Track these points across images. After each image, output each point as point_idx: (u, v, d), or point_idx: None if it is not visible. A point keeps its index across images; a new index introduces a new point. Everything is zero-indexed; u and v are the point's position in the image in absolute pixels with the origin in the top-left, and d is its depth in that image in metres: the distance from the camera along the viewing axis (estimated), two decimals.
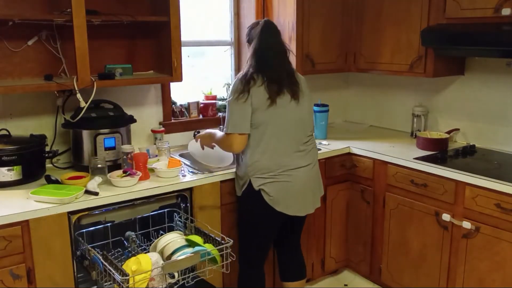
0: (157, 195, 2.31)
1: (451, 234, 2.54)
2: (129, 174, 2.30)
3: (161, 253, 2.10)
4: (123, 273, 1.85)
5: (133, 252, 2.28)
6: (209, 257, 2.06)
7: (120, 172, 2.34)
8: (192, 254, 1.99)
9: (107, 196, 2.16)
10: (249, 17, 3.27)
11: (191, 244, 2.10)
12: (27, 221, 1.97)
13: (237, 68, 3.42)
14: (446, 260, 2.58)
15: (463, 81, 3.04)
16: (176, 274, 2.04)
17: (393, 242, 2.86)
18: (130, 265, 1.95)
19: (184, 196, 2.41)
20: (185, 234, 2.26)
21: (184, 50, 2.69)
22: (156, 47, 2.71)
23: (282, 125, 2.28)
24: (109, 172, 2.34)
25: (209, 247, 2.08)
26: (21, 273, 1.98)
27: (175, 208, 2.43)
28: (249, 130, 2.24)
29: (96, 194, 2.14)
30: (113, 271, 1.87)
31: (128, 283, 1.83)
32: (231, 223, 2.58)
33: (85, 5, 2.22)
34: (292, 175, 2.29)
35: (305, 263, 2.67)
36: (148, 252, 2.16)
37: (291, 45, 3.06)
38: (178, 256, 2.02)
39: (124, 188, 2.24)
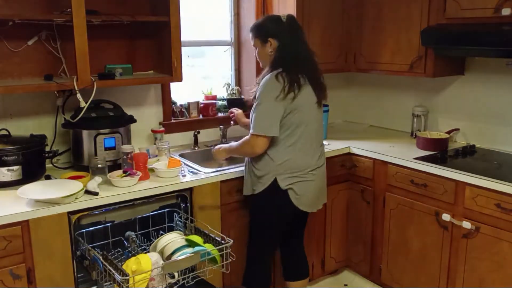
0: (157, 195, 2.31)
1: (451, 234, 2.54)
2: (129, 174, 2.30)
3: (161, 253, 2.10)
4: (123, 273, 1.85)
5: (133, 252, 2.28)
6: (209, 257, 2.06)
7: (120, 172, 2.34)
8: (192, 254, 1.99)
9: (107, 196, 2.15)
10: (249, 17, 3.27)
11: (191, 244, 2.10)
12: (27, 221, 1.97)
13: (237, 68, 3.42)
14: (446, 260, 2.58)
15: (463, 81, 3.04)
16: (176, 274, 2.04)
17: (393, 242, 2.86)
18: (130, 265, 1.94)
19: (184, 196, 2.41)
20: (185, 234, 2.26)
21: (184, 50, 2.70)
22: (156, 47, 2.71)
23: (313, 127, 2.33)
24: (109, 172, 2.34)
25: (209, 247, 2.08)
26: (21, 273, 1.98)
27: (175, 208, 2.43)
28: (278, 133, 2.23)
29: (96, 194, 2.14)
30: (113, 271, 1.87)
31: (128, 283, 1.83)
32: (231, 223, 2.58)
33: (85, 5, 2.22)
34: (316, 174, 2.35)
35: (308, 262, 2.69)
36: (148, 252, 2.16)
37: None
38: (178, 256, 2.01)
39: (124, 188, 2.24)
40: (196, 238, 2.14)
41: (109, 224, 2.27)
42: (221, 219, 2.53)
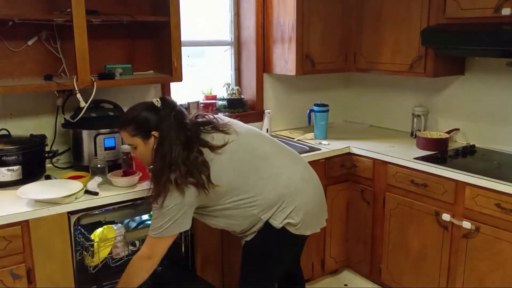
0: None
1: (451, 234, 2.54)
2: (129, 174, 2.30)
3: (128, 227, 2.34)
4: (89, 239, 2.14)
5: None
6: None
7: (120, 172, 2.34)
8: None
9: (107, 196, 2.15)
10: (249, 17, 3.27)
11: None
12: (27, 221, 1.97)
13: (237, 68, 3.42)
14: (446, 260, 2.58)
15: (463, 81, 3.04)
16: (137, 243, 2.25)
17: (393, 242, 2.86)
18: (97, 234, 2.20)
19: None
20: None
21: (184, 50, 2.69)
22: (156, 47, 2.71)
23: (251, 158, 1.99)
24: (109, 172, 2.34)
25: None
26: (21, 273, 1.98)
27: None
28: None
29: (96, 194, 2.14)
30: (82, 239, 2.14)
31: (93, 247, 2.13)
32: None
33: (85, 5, 2.23)
34: (306, 187, 2.06)
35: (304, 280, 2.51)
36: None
37: (291, 45, 3.07)
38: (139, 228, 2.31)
39: (124, 188, 2.24)
40: None
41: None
42: None
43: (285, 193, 1.99)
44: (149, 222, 2.35)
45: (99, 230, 2.20)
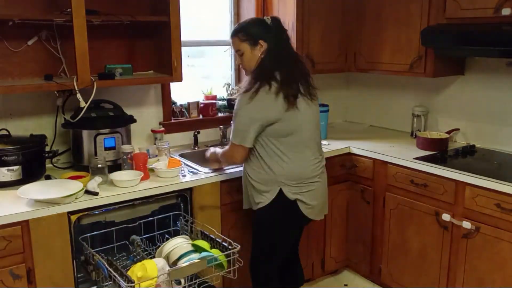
0: (157, 195, 2.30)
1: (451, 234, 2.54)
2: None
3: (167, 258, 2.04)
4: (129, 280, 1.79)
5: (138, 257, 2.25)
6: (216, 263, 2.00)
7: (120, 171, 2.34)
8: (199, 260, 1.93)
9: (107, 196, 2.16)
10: (249, 17, 3.26)
11: (197, 249, 2.04)
12: (27, 221, 1.97)
13: (237, 68, 3.42)
14: (446, 260, 2.58)
15: (463, 81, 3.04)
16: (182, 281, 1.98)
17: (393, 242, 2.86)
18: (135, 271, 1.88)
19: (184, 196, 2.41)
20: (191, 238, 2.19)
21: (184, 50, 2.69)
22: (156, 47, 2.71)
23: (309, 130, 2.23)
24: (109, 172, 2.34)
25: (215, 252, 2.03)
26: (21, 273, 1.98)
27: (180, 212, 2.42)
28: (252, 144, 2.16)
29: (96, 194, 2.14)
30: (118, 278, 1.81)
31: None
32: (231, 223, 2.58)
33: (85, 5, 2.23)
34: (320, 179, 2.29)
35: (303, 272, 2.61)
36: (154, 257, 2.10)
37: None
38: (185, 262, 1.95)
39: (124, 188, 2.24)
40: (202, 243, 2.07)
41: (114, 228, 2.24)
42: (221, 219, 2.53)
43: (307, 176, 2.21)
44: (193, 256, 2.02)
45: (137, 264, 1.93)
